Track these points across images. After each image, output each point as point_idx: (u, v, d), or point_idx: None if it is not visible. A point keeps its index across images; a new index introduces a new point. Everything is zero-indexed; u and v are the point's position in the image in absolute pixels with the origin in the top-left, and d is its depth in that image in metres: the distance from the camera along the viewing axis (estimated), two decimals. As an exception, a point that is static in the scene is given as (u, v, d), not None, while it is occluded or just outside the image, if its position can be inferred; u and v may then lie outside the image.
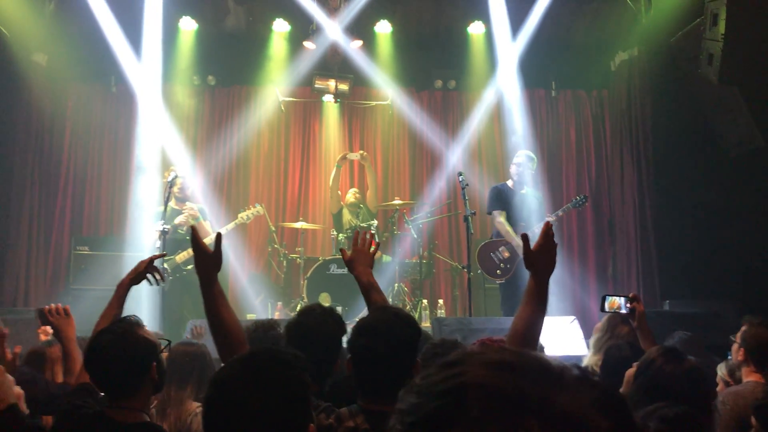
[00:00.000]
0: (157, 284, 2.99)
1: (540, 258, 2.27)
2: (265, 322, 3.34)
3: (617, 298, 3.26)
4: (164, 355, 2.52)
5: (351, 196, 8.02)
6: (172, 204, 6.99)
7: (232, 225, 7.20)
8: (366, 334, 2.18)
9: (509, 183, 6.69)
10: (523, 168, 6.56)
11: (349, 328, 2.96)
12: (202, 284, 2.35)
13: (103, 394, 2.38)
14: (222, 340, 2.27)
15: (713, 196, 7.64)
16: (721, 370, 3.40)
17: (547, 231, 2.31)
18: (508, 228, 6.59)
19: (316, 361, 2.27)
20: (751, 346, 3.16)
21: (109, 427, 2.20)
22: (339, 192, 8.00)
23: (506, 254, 6.50)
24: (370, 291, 2.72)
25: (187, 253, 6.76)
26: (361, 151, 8.11)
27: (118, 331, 2.30)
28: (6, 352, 2.91)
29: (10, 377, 2.13)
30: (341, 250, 3.00)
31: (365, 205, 7.99)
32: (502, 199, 6.68)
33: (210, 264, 2.40)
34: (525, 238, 2.38)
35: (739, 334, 3.25)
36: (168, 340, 2.56)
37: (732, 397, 2.98)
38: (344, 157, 8.03)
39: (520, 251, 6.19)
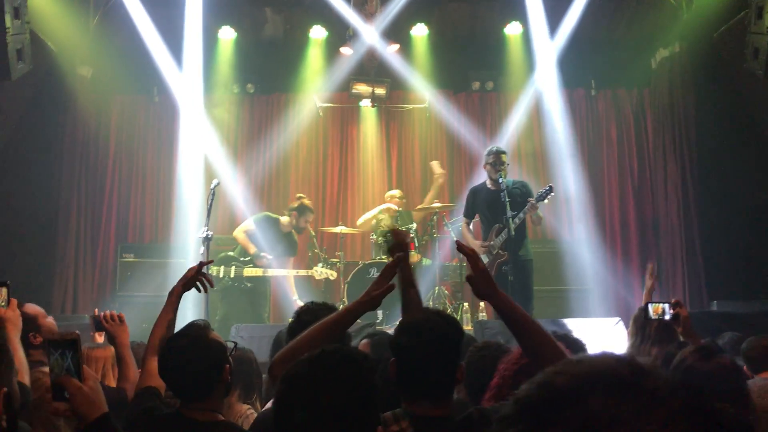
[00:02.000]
0: (206, 291, 3.04)
1: (476, 284, 2.21)
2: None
3: (661, 305, 3.26)
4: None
5: (397, 200, 7.96)
6: (283, 223, 7.47)
7: (303, 272, 7.54)
8: (409, 333, 2.15)
9: (487, 183, 6.50)
10: (496, 165, 6.31)
11: (390, 332, 2.96)
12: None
13: (176, 397, 2.42)
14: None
15: (760, 193, 7.46)
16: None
17: (473, 263, 2.23)
18: (467, 235, 6.60)
19: None
20: None
21: (189, 426, 2.24)
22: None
23: (482, 252, 6.32)
24: (408, 288, 2.61)
25: (256, 271, 7.25)
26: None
27: (192, 335, 2.35)
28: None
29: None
30: (394, 231, 2.79)
31: (403, 209, 7.99)
32: (475, 202, 6.53)
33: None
34: (458, 245, 2.41)
35: None
36: (234, 343, 2.59)
37: (758, 390, 2.90)
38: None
39: (481, 252, 6.14)
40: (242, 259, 7.36)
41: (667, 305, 3.25)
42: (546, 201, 6.16)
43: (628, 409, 0.57)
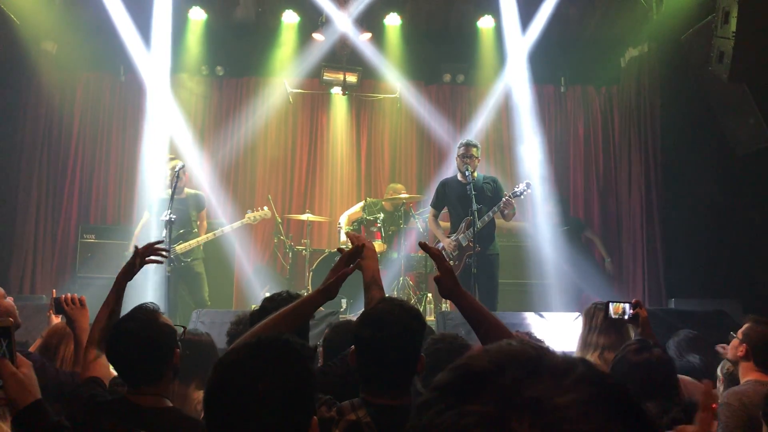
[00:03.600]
0: (166, 257, 3.04)
1: (442, 284, 2.24)
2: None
3: (621, 305, 3.37)
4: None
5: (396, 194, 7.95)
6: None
7: (238, 224, 7.24)
8: (371, 325, 2.15)
9: (458, 176, 6.54)
10: (464, 157, 6.34)
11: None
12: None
13: (124, 382, 2.37)
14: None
15: (721, 194, 7.61)
16: (722, 369, 3.41)
17: (439, 263, 2.27)
18: (433, 226, 6.65)
19: None
20: (755, 343, 3.15)
21: (134, 411, 2.20)
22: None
23: (450, 247, 6.37)
24: (371, 286, 2.64)
25: (188, 245, 6.84)
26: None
27: (142, 318, 2.30)
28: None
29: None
30: (348, 235, 2.94)
31: (371, 199, 8.01)
32: (445, 194, 6.53)
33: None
34: (422, 246, 2.50)
35: (741, 331, 3.25)
36: (183, 327, 2.57)
37: (737, 397, 2.97)
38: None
39: (449, 247, 6.21)
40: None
41: (627, 305, 3.36)
42: (522, 197, 6.22)
43: (539, 383, 0.62)
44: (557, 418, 0.59)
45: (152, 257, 2.93)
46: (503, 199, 6.08)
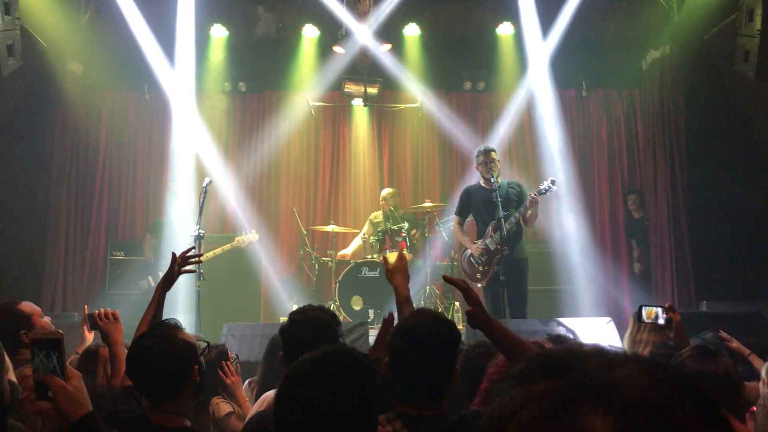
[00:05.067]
0: (200, 263, 3.15)
1: (471, 316, 2.28)
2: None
3: (654, 308, 3.31)
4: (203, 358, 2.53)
5: (389, 199, 8.00)
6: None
7: (228, 247, 7.34)
8: (407, 337, 2.16)
9: (481, 182, 6.51)
10: (487, 164, 6.34)
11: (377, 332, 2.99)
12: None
13: (144, 398, 2.40)
14: None
15: (749, 194, 7.50)
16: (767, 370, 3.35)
17: (466, 294, 2.32)
18: (459, 233, 6.63)
19: None
20: None
21: (152, 431, 2.20)
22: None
23: (477, 252, 6.34)
24: (404, 305, 2.76)
25: (213, 254, 6.99)
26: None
27: (160, 335, 2.30)
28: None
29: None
30: (384, 258, 3.07)
31: (396, 208, 8.03)
32: (469, 201, 6.52)
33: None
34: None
35: None
36: (207, 342, 2.54)
37: None
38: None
39: (477, 251, 6.17)
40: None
41: (660, 309, 3.31)
42: (548, 194, 6.20)
43: (613, 372, 0.62)
44: (635, 410, 0.58)
45: (187, 267, 2.98)
46: (529, 197, 6.06)
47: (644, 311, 3.32)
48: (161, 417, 2.22)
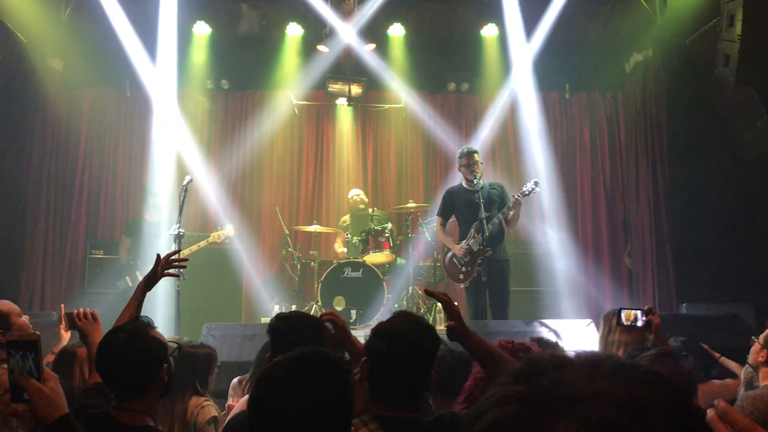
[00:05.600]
0: (184, 267, 3.09)
1: (451, 329, 2.35)
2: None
3: (633, 311, 3.34)
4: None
5: (358, 201, 7.99)
6: (147, 216, 7.57)
7: (203, 243, 7.26)
8: (386, 338, 2.15)
9: (463, 183, 6.52)
10: (470, 165, 6.35)
11: (363, 332, 2.96)
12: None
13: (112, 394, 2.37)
14: None
15: (730, 198, 7.58)
16: (745, 373, 3.37)
17: (448, 307, 2.40)
18: (441, 234, 6.63)
19: None
20: None
21: (113, 428, 2.17)
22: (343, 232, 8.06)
23: (460, 253, 6.32)
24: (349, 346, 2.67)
25: (189, 251, 6.95)
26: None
27: (131, 330, 2.28)
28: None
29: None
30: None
31: (376, 209, 8.01)
32: (452, 202, 6.52)
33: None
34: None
35: (763, 336, 3.21)
36: (178, 344, 2.54)
37: (750, 401, 2.94)
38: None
39: (460, 252, 6.19)
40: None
41: (639, 312, 3.33)
42: (530, 196, 6.21)
43: (577, 377, 0.63)
44: (598, 410, 0.59)
45: (170, 270, 2.94)
46: (513, 198, 6.08)
47: (623, 314, 3.33)
48: (125, 415, 2.20)
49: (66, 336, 3.83)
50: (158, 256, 2.98)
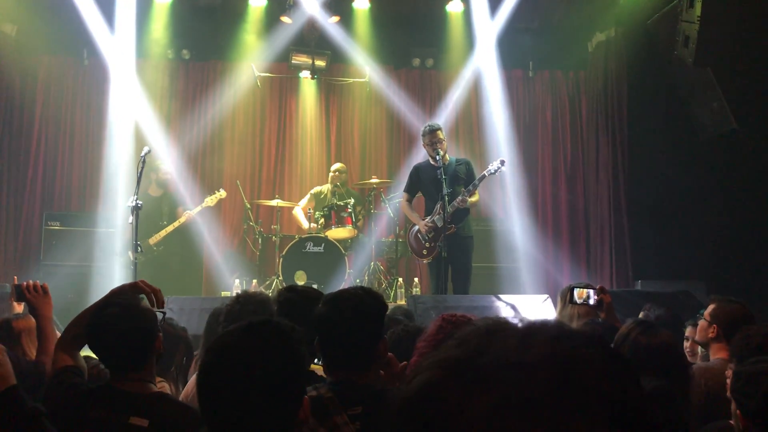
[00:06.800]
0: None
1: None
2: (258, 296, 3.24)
3: (586, 290, 3.38)
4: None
5: (337, 174, 7.92)
6: (150, 191, 7.45)
7: (199, 208, 7.40)
8: (329, 303, 2.21)
9: (430, 159, 6.55)
10: (433, 143, 6.38)
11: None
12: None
13: (108, 369, 2.34)
14: None
15: (686, 178, 7.74)
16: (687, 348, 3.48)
17: None
18: (407, 210, 6.65)
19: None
20: (725, 322, 3.19)
21: (121, 398, 2.17)
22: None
23: (425, 229, 6.34)
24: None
25: (158, 236, 7.04)
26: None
27: (124, 304, 2.29)
28: None
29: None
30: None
31: (343, 184, 7.97)
32: (419, 178, 6.53)
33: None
34: None
35: (708, 312, 3.30)
36: (163, 312, 2.51)
37: (701, 372, 3.03)
38: None
39: (425, 228, 6.24)
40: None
41: (591, 291, 3.39)
42: (497, 174, 6.25)
43: (496, 346, 0.63)
44: (522, 383, 0.58)
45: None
46: (477, 177, 6.12)
47: (576, 292, 3.40)
48: (128, 385, 2.20)
49: (18, 308, 3.75)
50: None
